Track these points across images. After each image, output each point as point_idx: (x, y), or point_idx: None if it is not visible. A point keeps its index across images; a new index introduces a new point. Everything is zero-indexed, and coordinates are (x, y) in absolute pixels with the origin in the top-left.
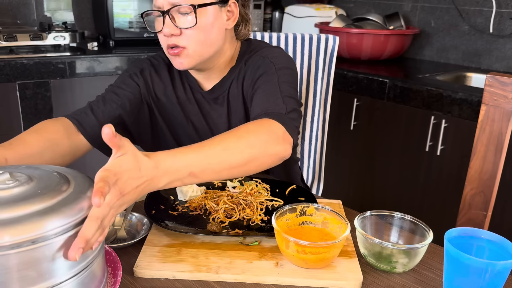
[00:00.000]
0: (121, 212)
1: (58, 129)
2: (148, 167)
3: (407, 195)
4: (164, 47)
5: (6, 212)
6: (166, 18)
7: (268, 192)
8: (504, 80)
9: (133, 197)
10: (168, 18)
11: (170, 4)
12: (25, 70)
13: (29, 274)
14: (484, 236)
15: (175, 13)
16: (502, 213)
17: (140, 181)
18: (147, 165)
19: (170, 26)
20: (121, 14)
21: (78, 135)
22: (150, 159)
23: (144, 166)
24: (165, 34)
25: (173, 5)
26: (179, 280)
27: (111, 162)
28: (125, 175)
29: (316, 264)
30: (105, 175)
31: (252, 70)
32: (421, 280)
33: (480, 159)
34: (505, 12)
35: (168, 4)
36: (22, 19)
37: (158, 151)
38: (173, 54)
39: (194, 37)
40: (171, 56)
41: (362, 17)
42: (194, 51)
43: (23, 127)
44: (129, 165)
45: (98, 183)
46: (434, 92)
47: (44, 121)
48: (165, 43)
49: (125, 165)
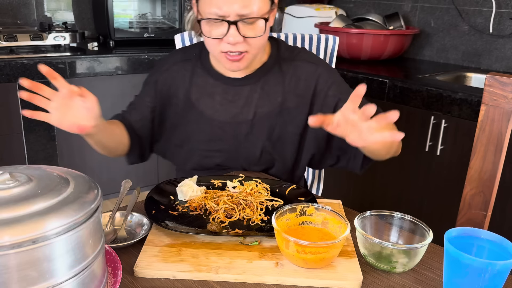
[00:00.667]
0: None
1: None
2: None
3: (407, 195)
4: (215, 51)
5: (6, 212)
6: (232, 28)
7: (268, 192)
8: (504, 80)
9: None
10: (235, 28)
11: (238, 15)
12: (25, 70)
13: (29, 274)
14: (484, 236)
15: (240, 22)
16: (502, 213)
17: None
18: None
19: (236, 36)
20: (121, 14)
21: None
22: None
23: None
24: (229, 42)
25: (241, 17)
26: (179, 280)
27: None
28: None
29: (316, 264)
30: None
31: (320, 83)
32: (421, 280)
33: (480, 159)
34: (505, 12)
35: (236, 15)
36: (22, 19)
37: None
38: (233, 60)
39: (257, 43)
40: (227, 60)
41: (362, 17)
42: (253, 55)
43: (23, 127)
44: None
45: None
46: (434, 92)
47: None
48: (222, 49)
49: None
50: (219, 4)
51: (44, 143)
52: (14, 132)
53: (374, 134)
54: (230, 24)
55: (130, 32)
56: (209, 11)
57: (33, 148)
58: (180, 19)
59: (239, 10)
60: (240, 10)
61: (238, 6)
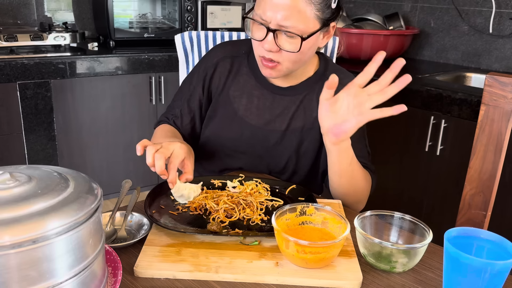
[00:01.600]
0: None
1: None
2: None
3: (407, 195)
4: (255, 52)
5: (6, 212)
6: (269, 35)
7: (268, 192)
8: (503, 80)
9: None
10: (272, 36)
11: (278, 25)
12: (26, 70)
13: (29, 274)
14: (483, 236)
15: (279, 32)
16: (502, 213)
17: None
18: None
19: (271, 44)
20: (121, 15)
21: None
22: None
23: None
24: (264, 48)
25: (281, 27)
26: (179, 279)
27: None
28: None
29: (316, 264)
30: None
31: None
32: (420, 280)
33: (479, 159)
34: (505, 12)
35: (277, 25)
36: (22, 19)
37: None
38: (266, 66)
39: (291, 58)
40: (262, 65)
41: (362, 17)
42: (287, 68)
43: (23, 127)
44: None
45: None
46: (433, 92)
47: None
48: (259, 53)
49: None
50: (265, 9)
51: (44, 143)
52: (14, 132)
53: (373, 110)
54: (269, 31)
55: (130, 32)
56: (256, 12)
57: (33, 148)
58: (180, 19)
59: (281, 21)
60: (281, 21)
61: (281, 16)
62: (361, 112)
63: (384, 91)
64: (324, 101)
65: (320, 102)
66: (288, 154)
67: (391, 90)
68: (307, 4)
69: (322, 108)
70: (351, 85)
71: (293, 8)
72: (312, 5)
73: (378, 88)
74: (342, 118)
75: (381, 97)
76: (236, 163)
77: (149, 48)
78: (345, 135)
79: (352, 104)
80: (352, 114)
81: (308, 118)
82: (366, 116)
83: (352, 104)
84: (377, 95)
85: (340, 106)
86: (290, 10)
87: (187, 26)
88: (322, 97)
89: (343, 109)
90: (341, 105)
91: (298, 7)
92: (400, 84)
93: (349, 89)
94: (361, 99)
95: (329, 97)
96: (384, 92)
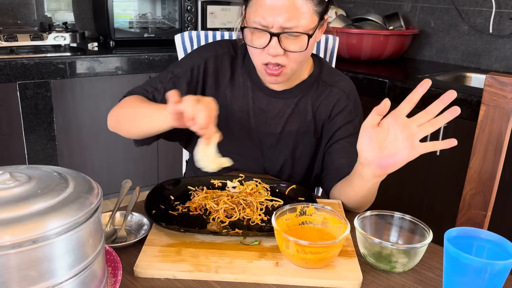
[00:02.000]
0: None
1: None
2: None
3: (407, 195)
4: (256, 61)
5: (6, 212)
6: (273, 40)
7: (268, 192)
8: (503, 80)
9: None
10: (276, 40)
11: (281, 28)
12: (26, 70)
13: (29, 274)
14: (483, 236)
15: (282, 35)
16: (502, 213)
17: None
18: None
19: (276, 48)
20: (121, 15)
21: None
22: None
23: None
24: (269, 53)
25: (285, 29)
26: (179, 280)
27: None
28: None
29: (316, 264)
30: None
31: (333, 105)
32: (421, 280)
33: (479, 159)
34: (505, 12)
35: (280, 28)
36: (22, 19)
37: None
38: (271, 74)
39: (297, 58)
40: (266, 72)
41: (362, 17)
42: (292, 70)
43: (23, 127)
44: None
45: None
46: (433, 92)
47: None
48: (263, 60)
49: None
50: (264, 14)
51: (44, 143)
52: (14, 132)
53: (426, 144)
54: (272, 36)
55: (130, 32)
56: (254, 20)
57: (33, 148)
58: (180, 19)
59: (283, 23)
60: (284, 23)
61: (283, 18)
62: (413, 146)
63: (432, 122)
64: (368, 127)
65: (363, 128)
66: (284, 157)
67: (440, 121)
68: (305, 1)
69: (365, 135)
70: (396, 115)
71: (293, 8)
72: (310, 1)
73: (427, 119)
74: (392, 151)
75: (430, 128)
76: (233, 165)
77: (149, 48)
78: (394, 168)
79: (401, 136)
80: (403, 146)
81: (303, 121)
82: (419, 150)
83: (401, 136)
84: (426, 126)
85: (386, 137)
86: (291, 11)
87: (187, 26)
88: (368, 122)
89: (392, 141)
90: (389, 136)
91: (297, 6)
92: (450, 115)
93: (396, 119)
94: (411, 131)
95: (375, 123)
96: (433, 123)
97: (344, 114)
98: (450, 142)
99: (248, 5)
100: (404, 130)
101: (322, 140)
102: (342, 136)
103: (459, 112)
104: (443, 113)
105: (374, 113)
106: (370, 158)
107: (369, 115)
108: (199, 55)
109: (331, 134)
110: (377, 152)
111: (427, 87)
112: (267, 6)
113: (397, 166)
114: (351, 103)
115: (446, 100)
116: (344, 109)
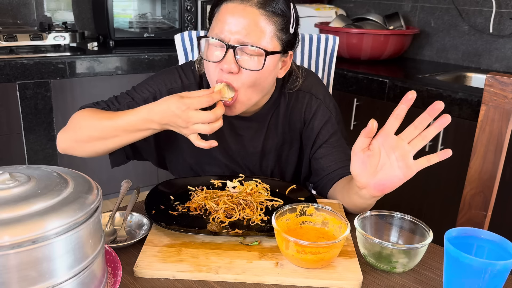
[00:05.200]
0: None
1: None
2: None
3: (407, 195)
4: (212, 79)
5: (6, 212)
6: (229, 53)
7: (268, 192)
8: (504, 80)
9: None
10: (232, 54)
11: (238, 42)
12: (25, 70)
13: (29, 274)
14: (484, 236)
15: (240, 50)
16: (502, 213)
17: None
18: None
19: (231, 63)
20: (121, 14)
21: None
22: None
23: None
24: (222, 69)
25: (242, 43)
26: (179, 280)
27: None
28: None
29: (316, 264)
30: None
31: (304, 110)
32: (421, 280)
33: (480, 159)
34: (505, 12)
35: (237, 41)
36: (22, 19)
37: None
38: (225, 104)
39: (250, 80)
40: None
41: (362, 17)
42: (245, 95)
43: (23, 127)
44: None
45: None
46: (434, 92)
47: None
48: (217, 77)
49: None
50: (223, 27)
51: (44, 143)
52: (14, 132)
53: (420, 162)
54: (228, 48)
55: (130, 32)
56: (214, 32)
57: (33, 148)
58: (180, 19)
59: (241, 37)
60: (242, 37)
61: (241, 34)
62: (408, 165)
63: (423, 135)
64: (359, 151)
65: (354, 152)
66: (271, 168)
67: (431, 133)
68: (267, 22)
69: (357, 160)
70: (385, 135)
71: (254, 25)
72: (272, 24)
73: (417, 133)
74: (387, 174)
75: (421, 142)
76: (226, 172)
77: (149, 48)
78: (392, 189)
79: (395, 157)
80: (397, 167)
81: (281, 134)
82: (414, 169)
83: (395, 157)
84: (417, 140)
85: (379, 159)
86: (251, 27)
87: (187, 26)
88: (358, 146)
89: (385, 164)
90: (381, 159)
91: (258, 25)
92: (440, 125)
93: (386, 139)
94: (402, 150)
95: (365, 146)
96: (423, 136)
97: (319, 117)
98: (444, 153)
99: (212, 22)
100: (395, 150)
101: (305, 147)
102: (324, 140)
103: (450, 120)
104: (433, 122)
105: (362, 136)
106: (366, 182)
107: (358, 139)
108: (164, 84)
109: (312, 141)
110: (372, 176)
111: (412, 100)
112: (229, 19)
113: (394, 187)
114: (321, 103)
115: (433, 112)
116: (317, 111)
